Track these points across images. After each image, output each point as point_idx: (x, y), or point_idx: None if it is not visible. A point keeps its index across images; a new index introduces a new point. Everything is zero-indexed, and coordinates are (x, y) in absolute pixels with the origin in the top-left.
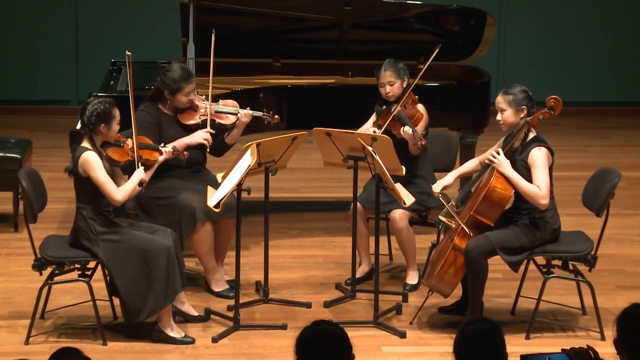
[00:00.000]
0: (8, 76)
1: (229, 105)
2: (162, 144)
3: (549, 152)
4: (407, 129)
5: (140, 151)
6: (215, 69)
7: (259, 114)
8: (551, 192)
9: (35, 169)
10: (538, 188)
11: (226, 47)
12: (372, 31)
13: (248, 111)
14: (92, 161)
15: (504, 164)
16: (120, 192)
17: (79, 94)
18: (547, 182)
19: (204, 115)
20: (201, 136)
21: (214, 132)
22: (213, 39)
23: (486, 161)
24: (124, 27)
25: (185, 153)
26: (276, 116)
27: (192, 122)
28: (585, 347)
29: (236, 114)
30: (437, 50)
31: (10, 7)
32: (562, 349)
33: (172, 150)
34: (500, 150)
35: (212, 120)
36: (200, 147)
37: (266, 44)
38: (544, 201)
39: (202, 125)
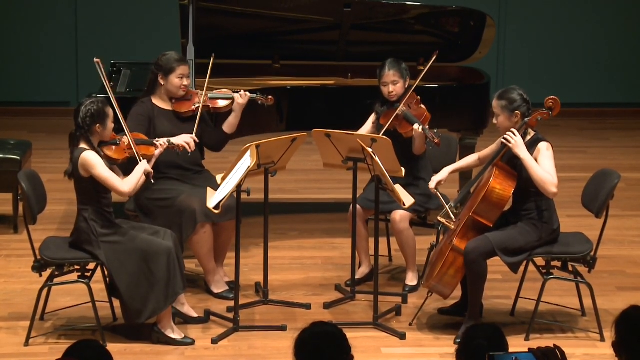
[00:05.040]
0: (8, 77)
1: (223, 91)
2: (156, 139)
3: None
4: (418, 127)
5: (136, 147)
6: (214, 70)
7: (253, 95)
8: None
9: (35, 170)
10: (550, 175)
11: (226, 49)
12: (372, 33)
13: (244, 92)
14: (92, 160)
15: (520, 145)
16: (126, 183)
17: (78, 96)
18: (555, 171)
19: (199, 103)
20: (184, 139)
21: (198, 141)
22: (211, 62)
23: (502, 141)
24: (124, 28)
25: (180, 145)
26: (269, 97)
27: (187, 110)
28: (552, 346)
29: (231, 98)
30: (434, 57)
31: (10, 8)
32: (529, 349)
33: (167, 143)
34: (516, 131)
35: (207, 107)
36: (197, 147)
37: (266, 45)
38: (555, 189)
39: (197, 114)
